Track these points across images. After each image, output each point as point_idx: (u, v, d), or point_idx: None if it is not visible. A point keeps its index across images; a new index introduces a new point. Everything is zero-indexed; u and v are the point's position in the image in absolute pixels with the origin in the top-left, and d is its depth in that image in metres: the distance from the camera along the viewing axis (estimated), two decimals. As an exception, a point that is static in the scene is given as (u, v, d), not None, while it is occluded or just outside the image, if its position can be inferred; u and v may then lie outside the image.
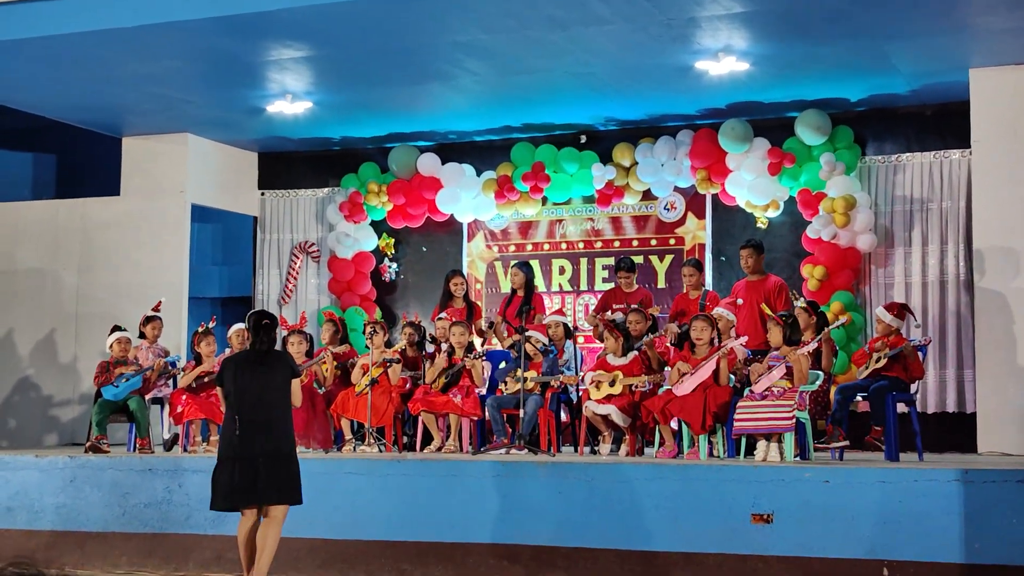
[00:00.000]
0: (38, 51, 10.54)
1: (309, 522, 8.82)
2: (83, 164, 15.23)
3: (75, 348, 13.52)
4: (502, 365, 10.99)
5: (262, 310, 7.98)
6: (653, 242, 12.91)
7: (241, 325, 11.53)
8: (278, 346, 9.06)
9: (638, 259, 12.35)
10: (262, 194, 14.44)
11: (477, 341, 11.38)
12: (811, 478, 8.12)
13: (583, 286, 13.14)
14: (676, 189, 12.74)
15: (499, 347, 11.48)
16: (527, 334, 10.38)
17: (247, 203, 14.38)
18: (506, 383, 10.59)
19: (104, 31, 10.01)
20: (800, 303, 10.05)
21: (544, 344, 10.49)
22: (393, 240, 13.95)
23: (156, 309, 11.57)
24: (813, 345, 9.41)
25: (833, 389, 9.81)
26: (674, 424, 9.79)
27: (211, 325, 11.14)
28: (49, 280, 13.79)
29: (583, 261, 13.17)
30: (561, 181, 12.91)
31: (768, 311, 9.71)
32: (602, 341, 10.60)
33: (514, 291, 11.69)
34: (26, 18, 10.09)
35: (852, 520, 7.94)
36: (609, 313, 10.93)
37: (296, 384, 7.76)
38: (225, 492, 7.50)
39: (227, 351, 11.29)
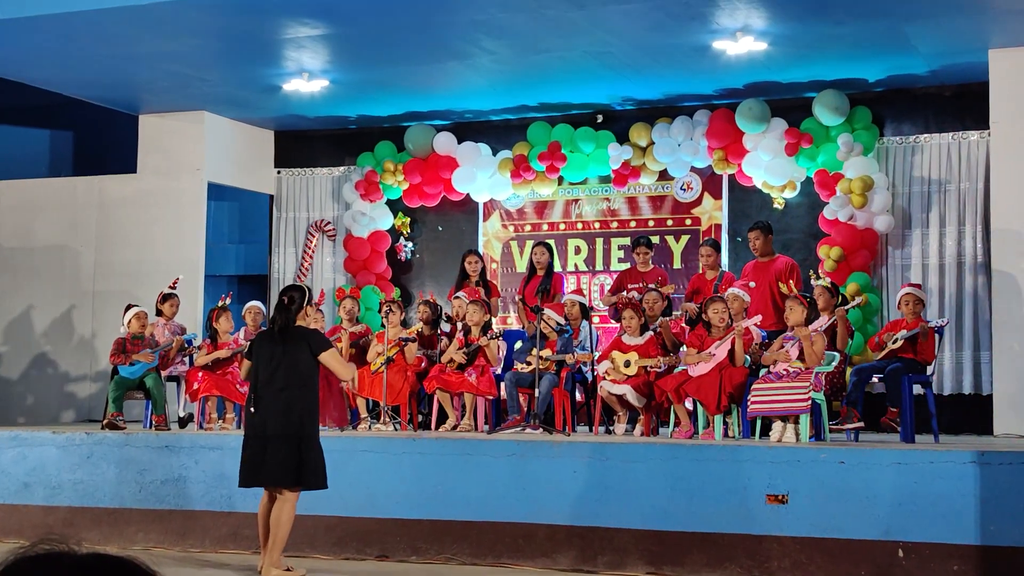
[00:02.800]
0: (55, 28, 10.54)
1: (324, 500, 8.84)
2: (100, 141, 15.26)
3: (92, 325, 13.57)
4: (518, 345, 11.00)
5: (292, 285, 7.83)
6: (669, 222, 12.89)
7: (256, 303, 11.60)
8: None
9: (654, 239, 12.33)
10: (278, 172, 14.45)
11: (492, 320, 11.38)
12: (826, 459, 8.11)
13: (599, 266, 13.12)
14: (693, 169, 12.71)
15: (516, 326, 11.48)
16: (543, 313, 10.38)
17: (263, 181, 14.40)
18: (526, 362, 10.59)
19: (121, 8, 10.00)
20: (824, 282, 10.03)
21: (559, 324, 10.49)
22: (409, 219, 13.95)
23: (173, 286, 11.59)
24: (823, 320, 9.39)
25: (849, 370, 9.80)
26: (689, 404, 9.80)
27: (228, 302, 11.16)
28: (67, 257, 13.84)
29: (599, 241, 13.15)
30: (577, 161, 12.89)
31: (792, 288, 9.68)
32: (617, 321, 10.59)
33: (533, 271, 11.68)
34: (43, -5, 10.11)
35: (867, 501, 7.93)
36: (625, 293, 10.92)
37: (328, 357, 7.54)
38: (243, 469, 7.54)
39: (243, 329, 11.34)
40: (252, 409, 7.47)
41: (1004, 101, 10.88)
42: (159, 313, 11.47)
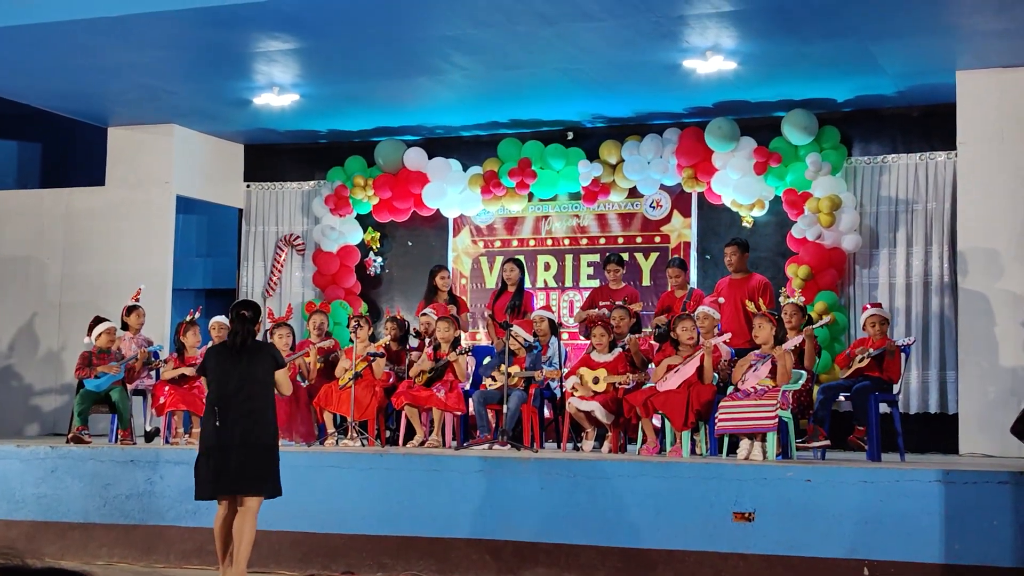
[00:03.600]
0: (24, 39, 10.48)
1: (290, 515, 8.82)
2: (68, 153, 15.18)
3: (58, 337, 13.47)
4: (486, 360, 10.99)
5: (243, 300, 7.99)
6: (639, 239, 12.92)
7: (221, 317, 11.54)
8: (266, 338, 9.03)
9: (623, 256, 12.35)
10: (247, 186, 14.41)
11: (462, 336, 11.37)
12: (793, 477, 8.15)
13: (568, 282, 13.13)
14: (662, 187, 12.75)
15: (484, 342, 11.47)
16: (511, 329, 10.38)
17: (232, 195, 14.35)
18: (492, 378, 10.59)
19: (90, 20, 9.94)
20: (796, 299, 10.07)
21: (528, 340, 10.49)
22: (379, 234, 13.93)
23: (136, 298, 11.51)
24: (798, 339, 9.43)
25: (816, 388, 9.84)
26: (657, 421, 9.81)
27: (197, 316, 11.10)
28: (33, 269, 13.74)
29: (568, 258, 13.17)
30: (547, 177, 12.91)
31: (761, 306, 9.70)
32: (587, 338, 10.60)
33: (503, 287, 11.68)
34: (12, 5, 10.03)
35: (833, 519, 7.96)
36: (596, 311, 10.94)
37: (281, 374, 7.75)
38: (203, 480, 7.54)
39: (210, 343, 11.29)
40: (217, 422, 7.47)
41: (971, 122, 10.97)
42: (124, 326, 11.40)
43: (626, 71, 11.12)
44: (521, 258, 12.18)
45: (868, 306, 10.19)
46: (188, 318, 11.08)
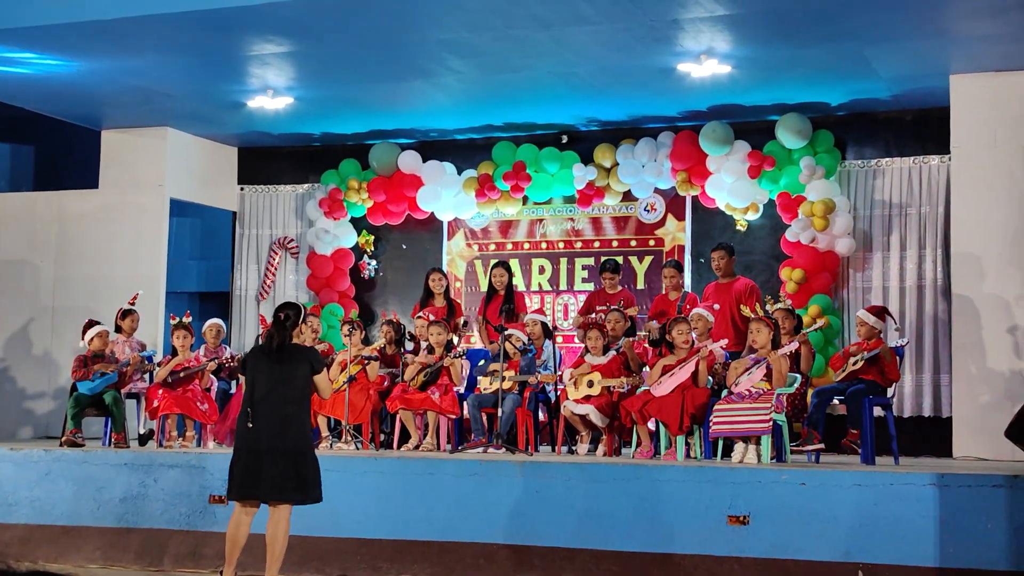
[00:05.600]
0: (18, 41, 10.46)
1: (285, 519, 8.81)
2: (61, 156, 15.15)
3: (51, 341, 13.44)
4: (481, 364, 10.99)
5: (286, 302, 7.83)
6: (633, 243, 12.92)
7: (216, 320, 11.56)
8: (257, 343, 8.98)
9: (617, 259, 12.37)
10: (241, 189, 14.39)
11: (456, 339, 11.37)
12: (787, 480, 8.15)
13: (563, 286, 13.14)
14: (656, 190, 12.76)
15: (479, 346, 11.47)
16: (507, 333, 10.38)
17: (226, 198, 14.33)
18: (490, 376, 10.57)
19: (84, 23, 9.93)
20: (784, 304, 10.09)
21: (524, 343, 10.49)
22: (373, 237, 13.92)
23: (132, 302, 11.51)
24: (794, 345, 9.44)
25: (810, 392, 9.85)
26: (651, 425, 9.81)
27: (187, 320, 11.07)
28: (26, 272, 13.71)
29: (563, 261, 13.17)
30: (542, 181, 12.92)
31: (758, 311, 9.70)
32: (583, 342, 10.61)
33: (494, 290, 11.68)
34: (6, 9, 10.02)
35: (828, 523, 7.97)
36: (593, 315, 10.95)
37: (321, 378, 7.64)
38: (236, 482, 7.46)
39: (203, 346, 11.28)
40: (250, 423, 7.42)
41: (965, 126, 10.98)
42: (119, 330, 11.39)
43: (620, 75, 11.13)
44: (510, 261, 12.19)
45: (867, 309, 10.21)
46: (173, 321, 11.03)
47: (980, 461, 10.23)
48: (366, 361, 10.69)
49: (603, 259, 12.00)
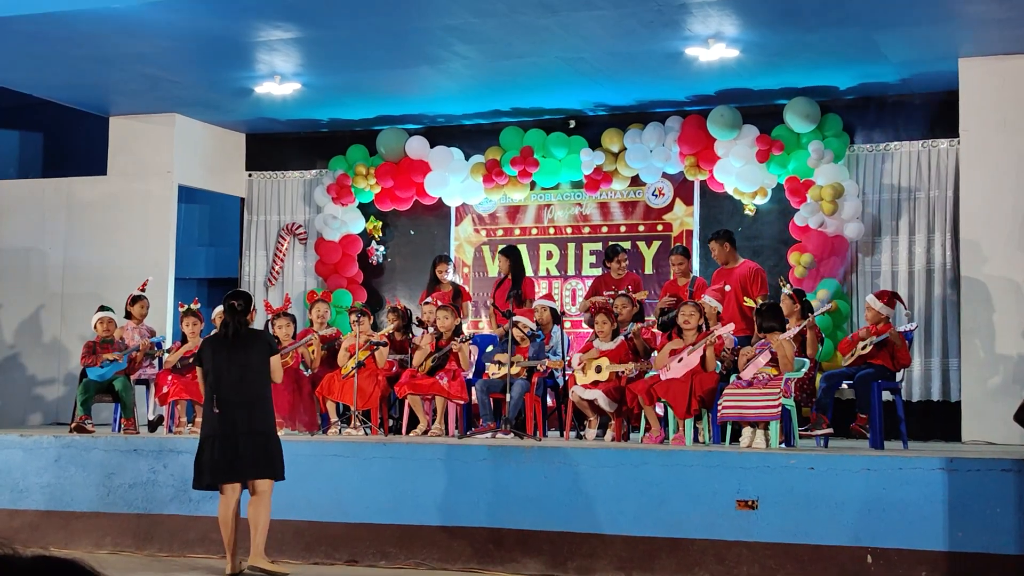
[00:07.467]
0: (26, 29, 10.46)
1: (294, 505, 8.84)
2: (70, 143, 15.17)
3: (60, 327, 13.48)
4: (489, 349, 10.99)
5: (235, 291, 8.16)
6: (641, 228, 12.91)
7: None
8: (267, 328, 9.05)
9: (625, 244, 12.36)
10: (249, 175, 14.40)
11: (464, 324, 11.37)
12: (796, 465, 8.15)
13: (571, 271, 13.13)
14: (664, 175, 12.74)
15: (487, 331, 11.47)
16: (514, 318, 10.38)
17: (234, 184, 14.34)
18: (497, 364, 10.58)
19: (92, 10, 9.93)
20: (787, 289, 10.08)
21: (531, 329, 10.49)
22: (381, 223, 13.92)
23: (142, 289, 11.54)
24: (796, 330, 9.43)
25: (819, 376, 9.84)
26: (659, 410, 9.81)
27: (195, 306, 11.09)
28: (35, 259, 13.74)
29: (571, 246, 13.16)
30: (549, 166, 12.90)
31: (756, 300, 9.69)
32: (592, 327, 10.61)
33: (505, 275, 11.70)
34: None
35: (836, 507, 7.97)
36: (599, 297, 10.94)
37: (275, 361, 7.91)
38: (207, 470, 7.67)
39: (212, 332, 11.29)
40: (215, 409, 7.63)
41: (973, 110, 10.95)
42: (128, 316, 11.40)
43: (628, 59, 11.11)
44: (519, 246, 12.19)
45: (879, 294, 10.18)
46: (182, 308, 11.06)
47: (989, 445, 10.22)
48: (375, 347, 10.70)
49: (608, 246, 11.95)
